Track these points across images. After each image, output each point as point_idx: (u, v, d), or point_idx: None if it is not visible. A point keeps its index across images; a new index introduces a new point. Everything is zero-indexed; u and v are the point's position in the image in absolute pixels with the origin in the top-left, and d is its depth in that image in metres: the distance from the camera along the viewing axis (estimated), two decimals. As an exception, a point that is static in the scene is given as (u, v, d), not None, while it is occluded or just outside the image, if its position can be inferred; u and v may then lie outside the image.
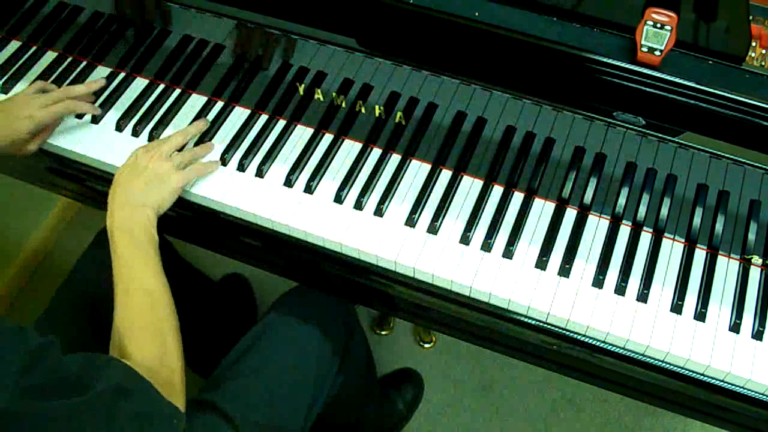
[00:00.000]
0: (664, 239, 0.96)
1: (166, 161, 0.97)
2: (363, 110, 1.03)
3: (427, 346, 1.66)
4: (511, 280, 0.92)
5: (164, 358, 0.82)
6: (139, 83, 1.12)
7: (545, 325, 0.92)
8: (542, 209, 0.99)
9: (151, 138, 1.06)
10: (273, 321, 1.05)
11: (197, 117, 1.08)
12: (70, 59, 1.15)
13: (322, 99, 1.04)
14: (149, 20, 1.09)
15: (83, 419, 0.67)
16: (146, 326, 0.84)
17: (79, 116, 1.08)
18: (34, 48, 1.16)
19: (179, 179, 0.97)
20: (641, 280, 0.92)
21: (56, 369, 0.68)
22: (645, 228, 0.97)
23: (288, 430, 0.99)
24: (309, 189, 1.00)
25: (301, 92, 1.05)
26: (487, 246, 0.95)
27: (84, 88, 1.06)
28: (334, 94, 1.02)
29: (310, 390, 1.01)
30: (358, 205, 0.99)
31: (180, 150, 1.02)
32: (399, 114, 1.01)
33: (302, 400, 1.00)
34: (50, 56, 1.15)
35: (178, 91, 1.11)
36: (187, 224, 1.07)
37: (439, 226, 0.97)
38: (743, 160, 0.84)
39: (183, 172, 0.98)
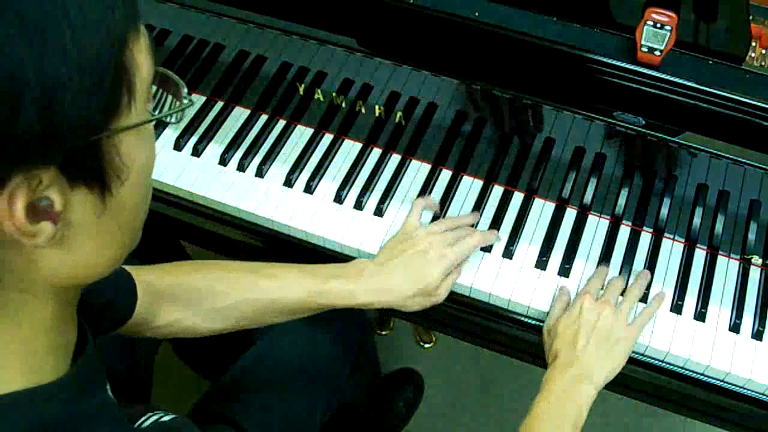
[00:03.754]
0: (664, 239, 0.96)
1: (617, 315, 0.85)
2: (363, 110, 1.03)
3: (427, 346, 1.65)
4: (511, 280, 0.92)
5: None
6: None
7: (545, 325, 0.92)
8: (542, 209, 0.99)
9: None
10: (285, 328, 1.04)
11: (197, 117, 1.08)
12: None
13: (322, 99, 1.04)
14: (148, 20, 1.09)
15: None
16: None
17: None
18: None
19: (633, 335, 0.85)
20: (641, 280, 0.92)
21: None
22: (645, 228, 0.97)
23: None
24: (309, 189, 1.00)
25: (301, 92, 1.05)
26: (487, 246, 0.95)
27: (489, 235, 0.94)
28: (334, 94, 1.02)
29: (323, 399, 1.00)
30: (358, 205, 0.99)
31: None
32: (399, 114, 1.01)
33: (315, 409, 1.00)
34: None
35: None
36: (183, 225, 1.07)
37: (439, 226, 0.97)
38: (743, 160, 0.84)
39: (636, 323, 0.86)
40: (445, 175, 1.02)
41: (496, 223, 0.97)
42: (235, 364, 1.03)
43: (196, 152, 1.04)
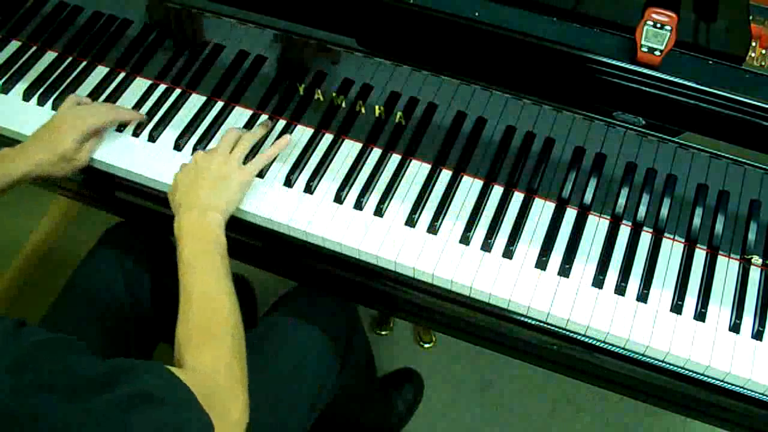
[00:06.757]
0: (664, 239, 0.96)
1: (227, 158, 0.96)
2: (363, 110, 1.03)
3: (427, 346, 1.66)
4: (511, 280, 0.92)
5: (218, 365, 0.77)
6: (140, 83, 1.12)
7: (545, 325, 0.92)
8: (542, 209, 0.99)
9: (151, 138, 1.06)
10: (274, 322, 1.05)
11: (197, 117, 1.08)
12: (70, 59, 1.15)
13: (322, 99, 1.04)
14: (149, 21, 1.09)
15: (86, 424, 0.62)
16: (203, 332, 0.80)
17: (79, 116, 1.08)
18: (34, 48, 1.16)
19: (244, 174, 0.96)
20: (641, 280, 0.92)
21: (64, 368, 0.64)
22: (645, 228, 0.97)
23: (288, 430, 0.98)
24: (309, 189, 1.00)
25: (301, 92, 1.05)
26: (487, 246, 0.95)
27: (126, 113, 1.07)
28: (334, 94, 1.02)
29: (312, 391, 1.01)
30: (358, 205, 0.99)
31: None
32: (399, 114, 1.01)
33: (303, 401, 1.00)
34: (50, 56, 1.16)
35: (178, 91, 1.11)
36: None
37: (439, 225, 0.97)
38: (743, 160, 0.84)
39: (248, 165, 0.97)
40: (445, 175, 1.02)
41: (496, 223, 0.97)
42: None
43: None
